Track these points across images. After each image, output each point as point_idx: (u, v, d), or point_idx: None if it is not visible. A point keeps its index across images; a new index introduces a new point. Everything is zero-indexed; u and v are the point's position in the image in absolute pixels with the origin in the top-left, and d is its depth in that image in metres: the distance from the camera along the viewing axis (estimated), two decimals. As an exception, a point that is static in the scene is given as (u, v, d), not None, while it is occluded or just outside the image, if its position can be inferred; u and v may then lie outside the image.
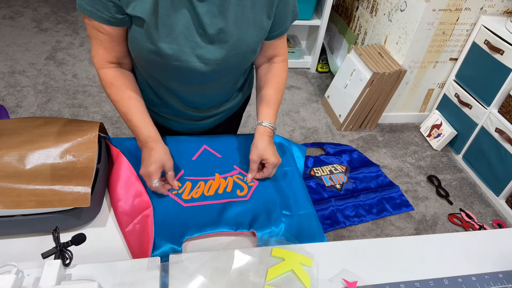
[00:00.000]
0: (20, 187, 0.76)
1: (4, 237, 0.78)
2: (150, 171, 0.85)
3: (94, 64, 0.89)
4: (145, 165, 0.87)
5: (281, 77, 1.01)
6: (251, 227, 0.83)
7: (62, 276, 0.65)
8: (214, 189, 0.93)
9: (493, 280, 0.75)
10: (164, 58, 0.84)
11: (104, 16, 0.79)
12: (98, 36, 0.84)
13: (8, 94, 2.40)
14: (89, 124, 0.90)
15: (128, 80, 0.92)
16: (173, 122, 1.09)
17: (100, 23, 0.81)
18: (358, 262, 0.75)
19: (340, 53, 2.94)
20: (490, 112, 2.07)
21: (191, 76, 0.90)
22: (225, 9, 0.81)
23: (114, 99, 0.91)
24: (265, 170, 0.94)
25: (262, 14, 0.86)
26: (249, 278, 0.70)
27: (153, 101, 1.02)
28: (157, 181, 0.86)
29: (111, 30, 0.83)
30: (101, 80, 0.91)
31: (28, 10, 3.32)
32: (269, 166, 0.93)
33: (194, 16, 0.80)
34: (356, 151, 2.28)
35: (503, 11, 2.10)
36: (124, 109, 0.91)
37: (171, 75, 0.91)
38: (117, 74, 0.90)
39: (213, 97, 1.02)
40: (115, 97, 0.91)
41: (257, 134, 0.96)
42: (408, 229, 1.88)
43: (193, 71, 0.87)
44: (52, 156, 0.82)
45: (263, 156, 0.93)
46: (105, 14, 0.79)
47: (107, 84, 0.90)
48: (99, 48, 0.86)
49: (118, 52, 0.88)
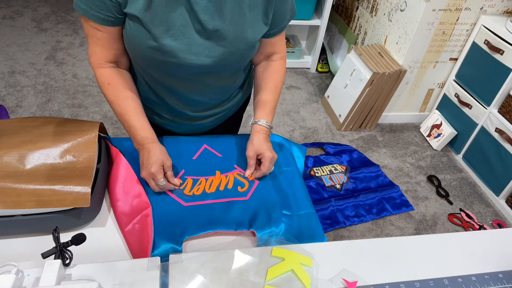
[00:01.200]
0: (20, 187, 0.76)
1: (4, 237, 0.78)
2: (153, 171, 0.85)
3: (91, 64, 0.88)
4: (146, 167, 0.86)
5: (278, 75, 1.02)
6: (251, 227, 0.83)
7: (62, 276, 0.66)
8: (215, 186, 0.93)
9: (493, 280, 0.75)
10: (162, 54, 0.83)
11: (100, 15, 0.79)
12: (95, 35, 0.84)
13: (8, 94, 2.40)
14: (89, 124, 0.90)
15: (125, 80, 0.92)
16: (172, 123, 1.08)
17: (95, 22, 0.81)
18: (358, 262, 0.75)
19: (340, 53, 2.94)
20: (490, 112, 2.07)
21: (189, 73, 0.90)
22: (222, 6, 0.81)
23: (111, 99, 0.91)
24: (262, 166, 0.94)
25: (260, 11, 0.86)
26: (249, 278, 0.70)
27: (152, 100, 1.02)
28: (163, 180, 0.86)
29: (106, 29, 0.83)
30: (97, 80, 0.90)
31: (28, 10, 3.32)
32: (265, 161, 0.93)
33: (191, 13, 0.80)
34: (356, 151, 2.28)
35: (503, 11, 2.10)
36: (121, 109, 0.90)
37: (169, 72, 0.90)
38: (113, 74, 0.90)
39: (212, 95, 1.02)
40: (112, 97, 0.90)
41: (253, 131, 0.98)
42: (408, 229, 1.89)
43: (191, 68, 0.87)
44: (52, 156, 0.82)
45: (258, 151, 0.94)
46: (100, 13, 0.79)
47: (103, 84, 0.90)
48: (96, 47, 0.86)
49: (115, 50, 0.87)
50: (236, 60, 0.92)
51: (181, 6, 0.79)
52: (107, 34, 0.84)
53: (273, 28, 0.93)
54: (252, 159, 0.95)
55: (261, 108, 1.00)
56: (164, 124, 1.10)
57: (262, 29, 0.89)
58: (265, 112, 0.99)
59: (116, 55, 0.89)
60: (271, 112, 1.00)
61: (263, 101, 1.00)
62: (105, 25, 0.82)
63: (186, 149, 1.02)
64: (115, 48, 0.87)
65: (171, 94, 0.98)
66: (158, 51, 0.83)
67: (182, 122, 1.08)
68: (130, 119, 0.90)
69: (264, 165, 0.94)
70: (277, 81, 1.01)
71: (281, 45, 1.00)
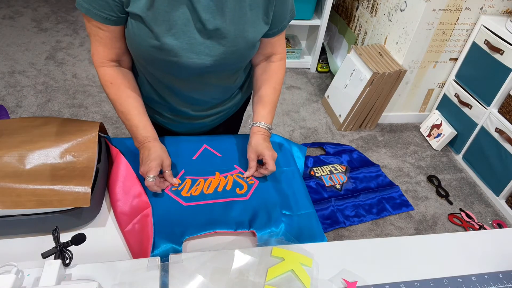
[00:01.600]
0: (20, 187, 0.76)
1: (4, 237, 0.78)
2: (150, 166, 0.86)
3: (94, 62, 0.89)
4: (144, 163, 0.87)
5: (278, 76, 1.02)
6: (251, 227, 0.83)
7: (62, 276, 0.65)
8: (214, 187, 0.93)
9: (493, 280, 0.75)
10: (164, 53, 0.84)
11: (102, 14, 0.80)
12: (97, 34, 0.84)
13: (8, 94, 2.40)
14: (89, 124, 0.90)
15: (127, 79, 0.93)
16: (173, 122, 1.09)
17: (97, 21, 0.81)
18: (358, 262, 0.75)
19: (340, 53, 2.94)
20: (490, 112, 2.07)
21: (190, 72, 0.90)
22: (223, 5, 0.81)
23: (113, 98, 0.91)
24: (268, 165, 0.93)
25: (261, 10, 0.87)
26: (249, 278, 0.69)
27: (153, 99, 1.02)
28: (152, 177, 0.85)
29: (109, 29, 0.83)
30: (100, 79, 0.91)
31: (28, 10, 3.32)
32: (268, 161, 0.93)
33: (193, 12, 0.81)
34: (356, 151, 2.28)
35: (503, 11, 2.10)
36: (122, 108, 0.91)
37: (170, 71, 0.91)
38: (116, 73, 0.90)
39: (212, 95, 1.02)
40: (114, 96, 0.91)
41: (251, 133, 0.98)
42: (408, 229, 1.89)
43: (192, 67, 0.87)
44: (52, 156, 0.82)
45: (258, 152, 0.94)
46: (103, 12, 0.79)
47: (106, 83, 0.90)
48: (98, 46, 0.86)
49: (117, 49, 0.88)
50: (237, 59, 0.92)
51: (183, 5, 0.80)
52: (110, 33, 0.84)
53: (273, 28, 0.93)
54: (253, 161, 0.95)
55: (260, 110, 1.00)
56: (165, 123, 1.10)
57: (263, 28, 0.90)
58: (264, 113, 1.00)
59: (118, 54, 0.89)
60: (270, 113, 1.00)
61: (262, 103, 1.00)
62: (107, 24, 0.82)
63: (186, 149, 1.02)
64: (117, 47, 0.88)
65: (172, 93, 0.99)
66: (159, 49, 0.83)
67: (182, 121, 1.08)
68: (131, 118, 0.91)
69: (269, 164, 0.93)
70: (276, 82, 1.01)
71: (280, 45, 1.00)
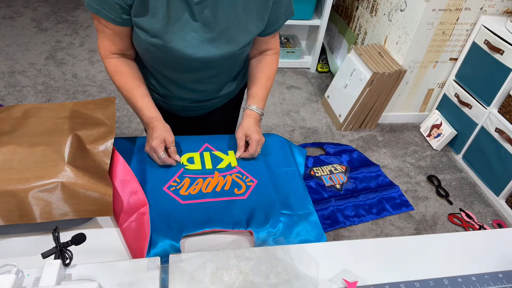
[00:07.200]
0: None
1: (4, 237, 0.78)
2: (153, 145, 0.93)
3: (100, 54, 0.98)
4: (148, 141, 0.95)
5: (272, 67, 1.09)
6: (248, 226, 0.84)
7: (62, 276, 0.66)
8: (212, 187, 0.93)
9: (493, 280, 0.75)
10: (161, 51, 0.92)
11: (110, 15, 0.86)
12: (104, 30, 0.92)
13: (8, 94, 2.40)
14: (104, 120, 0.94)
15: (130, 67, 1.00)
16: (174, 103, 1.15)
17: (107, 21, 0.88)
18: (358, 262, 0.75)
19: (340, 53, 2.94)
20: (490, 112, 2.07)
21: (187, 68, 0.98)
22: (218, 11, 0.88)
23: (118, 85, 1.00)
24: (250, 148, 1.00)
25: (254, 15, 0.92)
26: (249, 278, 0.70)
27: (154, 86, 1.11)
28: (163, 153, 0.94)
29: (116, 28, 0.90)
30: (106, 69, 0.99)
31: (28, 10, 3.32)
32: (252, 143, 0.99)
33: (190, 15, 0.87)
34: (356, 151, 2.28)
35: (503, 11, 2.10)
36: (127, 93, 0.99)
37: (168, 66, 0.99)
38: (120, 63, 0.98)
39: (209, 85, 1.09)
40: (119, 83, 0.99)
41: (244, 116, 1.05)
42: (408, 229, 1.89)
43: (189, 65, 0.96)
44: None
45: (246, 133, 1.00)
46: (111, 13, 0.86)
47: (111, 72, 0.99)
48: (105, 40, 0.94)
49: (121, 45, 0.96)
50: (230, 60, 0.99)
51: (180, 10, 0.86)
52: (116, 32, 0.92)
53: (267, 29, 1.00)
54: (241, 140, 1.01)
55: (254, 96, 1.07)
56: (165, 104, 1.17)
57: (255, 31, 0.96)
58: (256, 99, 1.07)
59: (122, 49, 0.97)
60: (263, 99, 1.08)
61: (256, 90, 1.08)
62: (114, 24, 0.89)
63: (188, 149, 1.03)
64: (122, 44, 0.95)
65: (171, 83, 1.07)
66: (158, 48, 0.91)
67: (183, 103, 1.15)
68: (136, 102, 0.99)
69: (252, 147, 0.99)
70: (269, 73, 1.09)
71: (275, 42, 1.08)
